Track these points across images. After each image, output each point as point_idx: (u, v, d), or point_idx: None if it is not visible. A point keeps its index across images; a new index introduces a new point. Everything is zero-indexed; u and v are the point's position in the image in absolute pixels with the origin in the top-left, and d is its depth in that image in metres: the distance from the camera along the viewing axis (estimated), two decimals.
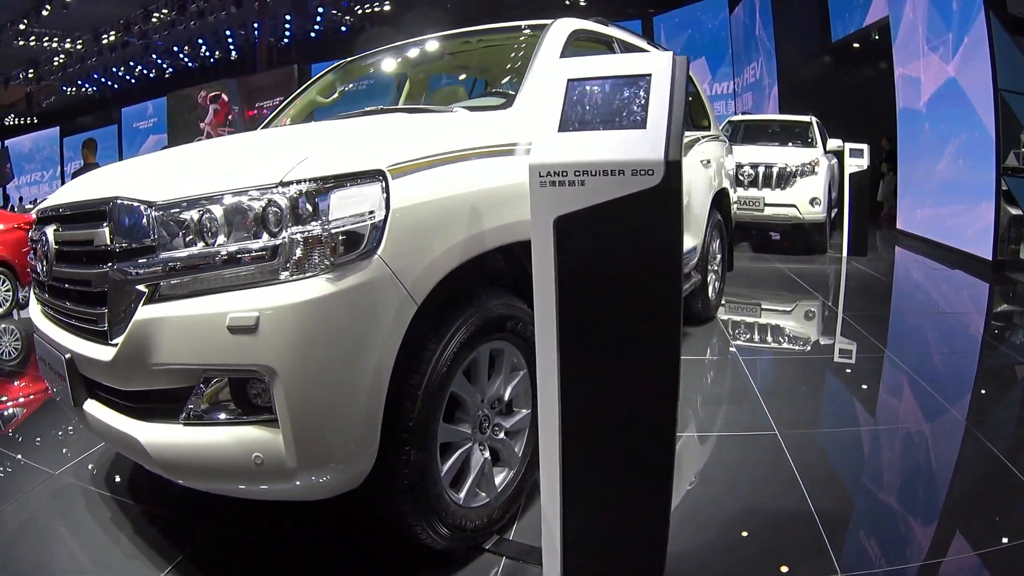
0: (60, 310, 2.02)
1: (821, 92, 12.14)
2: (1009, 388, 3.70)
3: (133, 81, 23.65)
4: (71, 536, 2.28)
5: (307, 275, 1.58)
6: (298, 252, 1.58)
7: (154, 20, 18.64)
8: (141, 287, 1.66)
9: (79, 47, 20.00)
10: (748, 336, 4.72)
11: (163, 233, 1.65)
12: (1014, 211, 7.29)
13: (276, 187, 1.61)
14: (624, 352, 1.63)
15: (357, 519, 2.28)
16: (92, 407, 1.89)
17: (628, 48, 3.88)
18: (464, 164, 2.00)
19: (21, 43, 18.41)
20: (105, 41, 19.41)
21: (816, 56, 12.82)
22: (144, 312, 1.64)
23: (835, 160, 8.84)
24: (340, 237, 1.61)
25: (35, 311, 2.27)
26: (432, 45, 3.62)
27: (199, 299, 1.60)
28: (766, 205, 7.96)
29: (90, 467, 2.79)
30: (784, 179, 7.91)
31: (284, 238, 1.58)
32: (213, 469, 1.66)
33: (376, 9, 19.61)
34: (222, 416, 1.64)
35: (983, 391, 3.58)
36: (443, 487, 1.93)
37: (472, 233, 1.93)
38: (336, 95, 3.64)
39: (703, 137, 4.67)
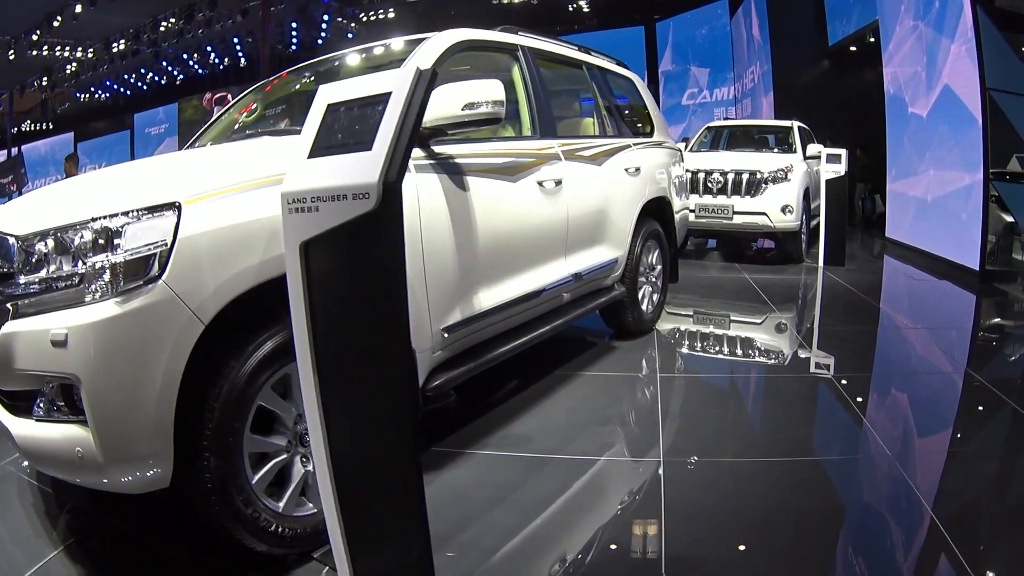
0: None
1: (818, 97, 12.01)
2: (943, 427, 3.38)
3: (145, 88, 24.15)
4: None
5: (103, 298, 1.83)
6: (97, 279, 1.85)
7: (162, 29, 18.96)
8: (8, 305, 1.97)
9: (90, 55, 20.43)
10: (679, 352, 4.66)
11: (22, 261, 1.97)
12: (1006, 219, 7.12)
13: (89, 222, 1.88)
14: (365, 372, 1.68)
15: None
16: None
17: (540, 56, 3.85)
18: (271, 189, 2.06)
19: (35, 53, 18.90)
20: (115, 49, 19.80)
21: (812, 60, 12.69)
22: (8, 326, 1.94)
23: (818, 167, 8.68)
24: (130, 265, 1.85)
25: None
26: (335, 63, 3.67)
27: (38, 317, 1.89)
28: (735, 213, 7.86)
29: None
30: (754, 186, 7.80)
31: (88, 267, 1.86)
32: (54, 460, 1.97)
33: (381, 16, 19.74)
34: (56, 415, 1.92)
35: (924, 425, 3.36)
36: (254, 494, 2.05)
37: (269, 256, 2.03)
38: (255, 115, 3.70)
39: (635, 144, 4.65)
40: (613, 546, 2.30)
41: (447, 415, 3.45)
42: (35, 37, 18.41)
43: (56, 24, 17.80)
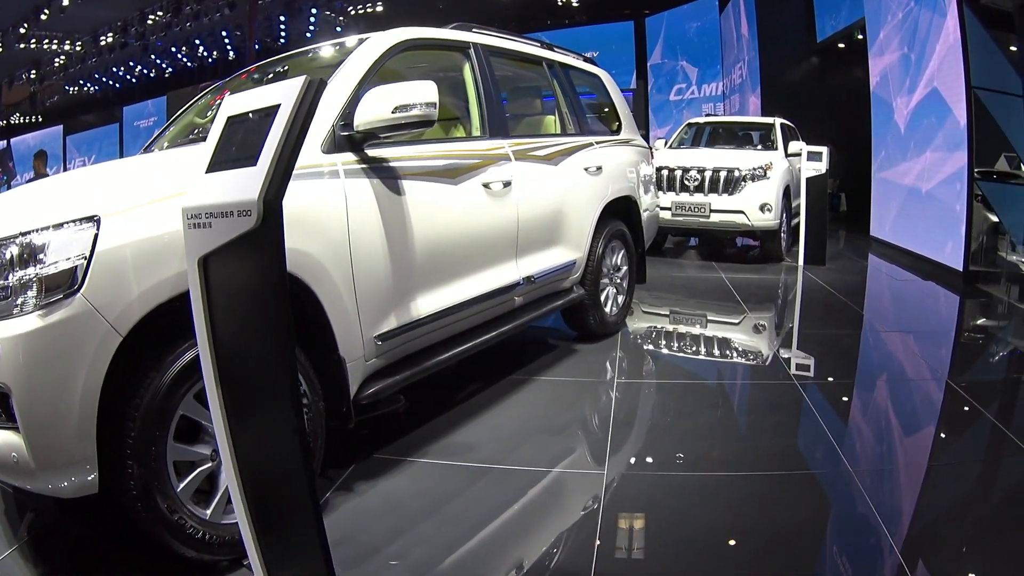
0: None
1: (805, 94, 11.95)
2: (913, 440, 3.30)
3: (134, 80, 24.02)
4: None
5: (29, 311, 1.88)
6: (24, 292, 1.90)
7: (150, 22, 18.87)
8: None
9: (78, 48, 20.35)
10: (641, 356, 4.62)
11: None
12: (991, 218, 7.07)
13: (15, 237, 1.93)
14: (257, 385, 1.68)
15: None
16: None
17: (495, 54, 3.81)
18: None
19: (22, 46, 18.83)
20: (104, 43, 19.72)
21: (801, 57, 12.62)
22: None
23: (800, 165, 8.63)
24: (51, 278, 1.90)
25: None
26: (285, 63, 3.62)
27: None
28: (712, 211, 7.83)
29: None
30: (732, 184, 7.77)
31: (15, 280, 1.90)
32: None
33: (369, 10, 19.63)
34: None
35: (893, 438, 3.29)
36: (179, 501, 2.09)
37: (185, 268, 1.97)
38: (208, 117, 3.65)
39: (598, 142, 4.61)
40: (542, 562, 2.27)
41: (395, 420, 3.43)
42: (23, 30, 18.31)
43: (44, 17, 17.74)
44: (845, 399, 3.79)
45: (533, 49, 4.36)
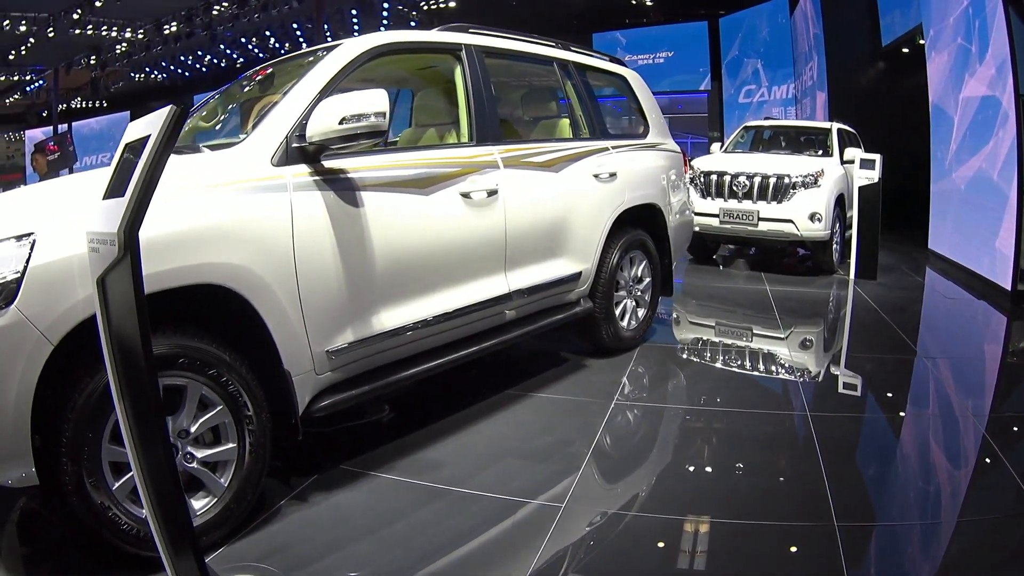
0: None
1: (871, 99, 11.46)
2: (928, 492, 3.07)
3: (204, 69, 24.72)
4: None
5: None
6: None
7: (215, 12, 19.37)
8: None
9: (140, 36, 20.98)
10: (653, 375, 4.40)
11: None
12: None
13: None
14: (139, 400, 1.75)
15: None
16: None
17: (495, 55, 3.72)
18: None
19: (77, 32, 19.44)
20: (167, 31, 20.32)
21: (866, 60, 12.12)
22: None
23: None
24: None
25: None
26: (270, 70, 3.65)
27: None
28: (760, 220, 7.56)
29: None
30: (781, 191, 7.48)
31: None
32: None
33: (443, 5, 19.74)
34: None
35: (907, 495, 2.93)
36: (115, 499, 2.21)
37: None
38: (215, 120, 3.72)
39: (615, 147, 4.46)
40: None
41: (375, 430, 3.44)
42: (76, 16, 18.90)
43: (99, 4, 18.23)
44: (861, 439, 3.52)
45: (541, 49, 4.22)
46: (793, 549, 2.46)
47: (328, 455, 3.13)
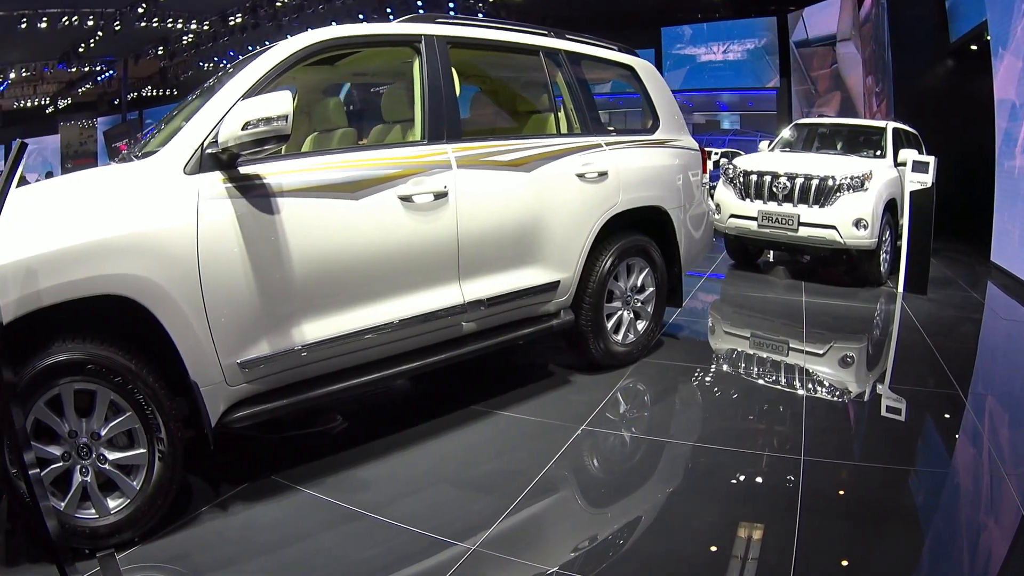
0: None
1: (936, 99, 10.83)
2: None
3: None
4: None
5: None
6: None
7: (279, 4, 19.86)
8: None
9: (206, 28, 21.72)
10: (638, 397, 4.08)
11: None
12: None
13: None
14: None
15: None
16: None
17: (462, 46, 3.62)
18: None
19: (143, 25, 20.29)
20: (232, 23, 20.94)
21: (933, 57, 11.43)
22: None
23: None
24: None
25: None
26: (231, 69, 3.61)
27: None
28: (801, 224, 7.17)
29: None
30: (824, 194, 7.08)
31: None
32: None
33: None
34: None
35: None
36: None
37: (26, 293, 2.20)
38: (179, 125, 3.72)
39: (609, 143, 4.19)
40: None
41: (320, 441, 3.41)
42: (140, 10, 19.73)
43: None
44: (846, 502, 2.93)
45: (522, 38, 3.97)
46: None
47: (267, 464, 3.10)
